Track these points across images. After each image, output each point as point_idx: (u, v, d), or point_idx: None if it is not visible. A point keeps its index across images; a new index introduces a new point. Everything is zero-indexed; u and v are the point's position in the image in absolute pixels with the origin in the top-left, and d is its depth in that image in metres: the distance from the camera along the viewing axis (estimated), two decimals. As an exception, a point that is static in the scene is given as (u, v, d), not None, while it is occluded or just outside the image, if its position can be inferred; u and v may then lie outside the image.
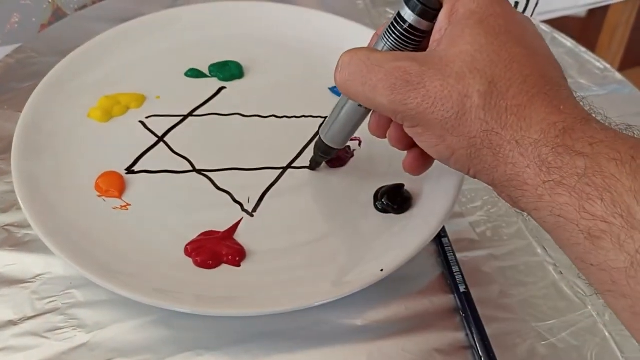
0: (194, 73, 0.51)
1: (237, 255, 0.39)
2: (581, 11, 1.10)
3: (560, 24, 0.62)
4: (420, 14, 0.32)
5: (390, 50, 0.33)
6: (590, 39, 1.05)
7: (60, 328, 0.37)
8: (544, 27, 0.61)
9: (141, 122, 0.47)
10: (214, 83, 0.51)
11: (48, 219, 0.39)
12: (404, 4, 0.32)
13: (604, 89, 0.55)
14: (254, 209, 0.42)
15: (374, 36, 0.36)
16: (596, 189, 0.25)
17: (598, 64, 0.58)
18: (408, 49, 0.33)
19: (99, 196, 0.42)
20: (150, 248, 0.40)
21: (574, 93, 0.30)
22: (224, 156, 0.45)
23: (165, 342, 0.37)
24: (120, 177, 0.43)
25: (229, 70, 0.51)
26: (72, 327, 0.37)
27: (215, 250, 0.39)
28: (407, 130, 0.32)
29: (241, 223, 0.41)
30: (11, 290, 0.39)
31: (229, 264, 0.39)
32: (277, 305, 0.37)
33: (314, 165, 0.43)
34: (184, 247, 0.39)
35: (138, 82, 0.50)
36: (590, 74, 0.57)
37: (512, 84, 0.28)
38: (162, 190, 0.43)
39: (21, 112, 0.45)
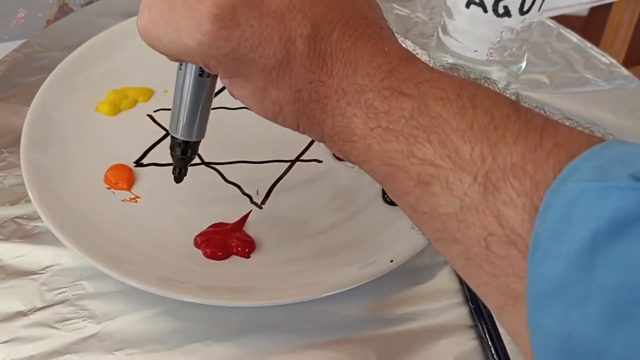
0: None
1: (247, 247, 0.39)
2: (583, 9, 1.10)
3: (562, 22, 0.62)
4: None
5: None
6: (592, 37, 1.05)
7: (70, 319, 0.37)
8: (551, 23, 0.62)
9: (149, 115, 0.47)
10: (222, 77, 0.51)
11: (57, 210, 0.39)
12: None
13: (610, 84, 0.56)
14: (263, 202, 0.42)
15: None
16: (424, 130, 0.23)
17: (604, 59, 0.58)
18: None
19: (108, 189, 0.42)
20: (159, 240, 0.40)
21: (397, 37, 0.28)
22: (233, 149, 0.45)
23: (174, 333, 0.37)
24: (129, 169, 0.43)
25: (236, 65, 0.51)
26: (81, 317, 0.37)
27: (225, 241, 0.39)
28: (225, 82, 0.28)
29: (250, 215, 0.41)
30: (21, 282, 0.39)
31: (239, 256, 0.39)
32: (286, 296, 0.37)
33: (176, 174, 0.35)
34: (193, 238, 0.40)
35: (146, 76, 0.50)
36: (596, 69, 0.57)
37: (334, 26, 0.26)
38: (171, 183, 0.43)
39: (28, 106, 0.46)
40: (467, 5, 0.47)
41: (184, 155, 0.34)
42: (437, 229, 0.24)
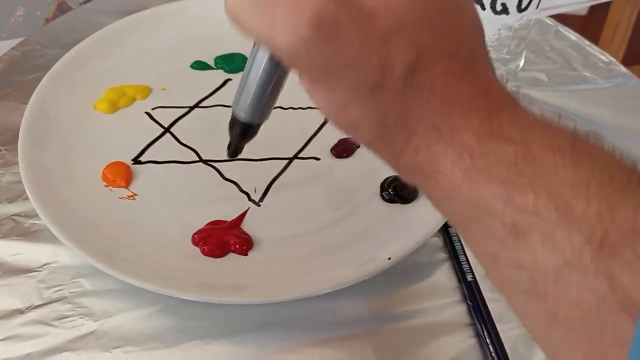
0: (200, 65, 0.51)
1: (245, 245, 0.39)
2: (582, 8, 1.10)
3: (561, 21, 0.62)
4: None
5: None
6: (591, 36, 1.05)
7: (68, 316, 0.37)
8: (549, 21, 0.62)
9: (147, 113, 0.47)
10: (220, 75, 0.51)
11: (55, 208, 0.39)
12: None
13: (609, 82, 0.56)
14: (261, 199, 0.42)
15: None
16: (528, 179, 0.21)
17: (603, 57, 0.58)
18: None
19: (106, 186, 0.42)
20: (157, 237, 0.40)
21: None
22: (231, 147, 0.45)
23: (173, 331, 0.37)
24: (127, 167, 0.43)
25: (234, 62, 0.51)
26: (79, 315, 0.37)
27: (223, 239, 0.39)
28: (303, 83, 0.26)
29: (248, 213, 0.41)
30: (18, 279, 0.39)
31: (236, 253, 0.39)
32: (284, 294, 0.37)
33: (232, 152, 0.33)
34: (191, 236, 0.40)
35: (144, 74, 0.50)
36: (595, 67, 0.57)
37: (439, 58, 0.24)
38: (169, 181, 0.43)
39: (26, 104, 0.45)
40: (466, 3, 0.47)
41: (243, 136, 0.32)
42: (521, 282, 0.22)
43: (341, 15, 0.23)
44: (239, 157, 0.44)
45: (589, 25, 1.14)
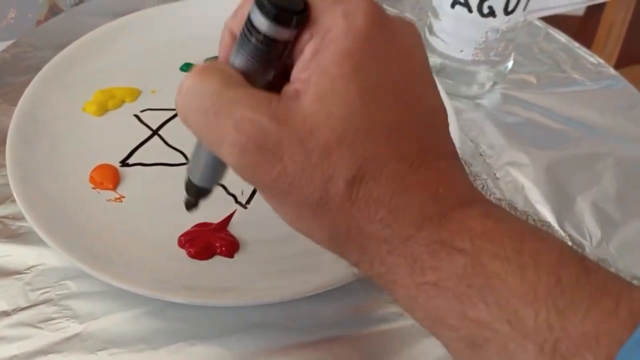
0: (189, 67, 0.51)
1: (231, 247, 0.39)
2: (579, 9, 1.10)
3: (558, 22, 0.62)
4: (277, 21, 0.24)
5: (248, 63, 0.25)
6: (587, 37, 1.05)
7: (54, 319, 0.37)
8: (538, 23, 0.62)
9: (136, 115, 0.48)
10: (209, 77, 0.51)
11: (42, 210, 0.39)
12: (254, 7, 0.24)
13: (597, 84, 0.56)
14: (248, 201, 0.42)
15: (224, 29, 0.28)
16: (478, 291, 0.21)
17: (592, 59, 0.58)
18: (269, 59, 0.25)
19: (94, 188, 0.42)
20: (144, 239, 0.40)
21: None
22: (218, 149, 0.45)
23: (159, 333, 0.37)
24: (115, 169, 0.44)
25: (223, 65, 0.51)
26: (65, 317, 0.37)
27: (209, 241, 0.39)
28: (261, 194, 0.27)
29: (235, 215, 0.41)
30: (5, 282, 0.39)
31: (223, 255, 0.39)
32: (271, 296, 0.37)
33: (189, 207, 0.34)
34: (177, 238, 0.40)
35: (133, 76, 0.50)
36: (584, 69, 0.57)
37: (385, 165, 0.23)
38: (156, 183, 0.43)
39: (16, 106, 0.46)
40: (452, 6, 0.47)
41: (199, 196, 0.33)
42: None
43: (284, 136, 0.23)
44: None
45: (584, 26, 1.14)
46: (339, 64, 0.23)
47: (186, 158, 0.45)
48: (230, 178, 0.43)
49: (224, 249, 0.39)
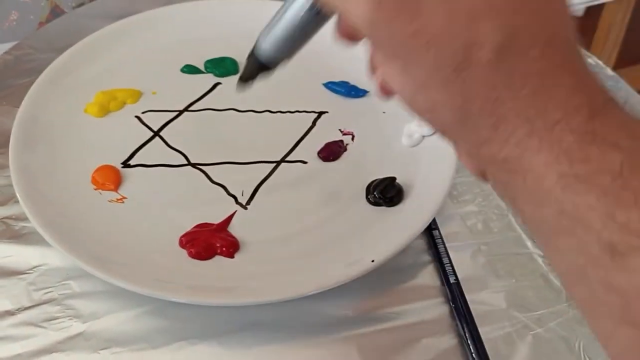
0: (190, 69, 0.52)
1: (231, 247, 0.40)
2: (578, 9, 1.11)
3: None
4: None
5: None
6: (585, 38, 1.06)
7: (57, 318, 0.38)
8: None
9: (137, 117, 0.48)
10: (210, 79, 0.51)
11: (45, 211, 0.40)
12: None
13: (595, 85, 0.56)
14: (248, 202, 0.43)
15: None
16: (634, 194, 0.19)
17: (590, 60, 0.58)
18: None
19: (96, 189, 0.43)
20: (145, 240, 0.40)
21: None
22: (219, 150, 0.46)
23: (160, 332, 0.37)
24: (117, 170, 0.44)
25: (224, 66, 0.52)
26: (68, 317, 0.38)
27: (209, 241, 0.40)
28: (377, 58, 0.24)
29: (235, 215, 0.42)
30: (9, 281, 0.39)
31: (223, 255, 0.40)
32: (270, 295, 0.37)
33: (245, 79, 0.32)
34: (178, 238, 0.40)
35: (134, 78, 0.50)
36: (582, 70, 0.57)
37: (535, 42, 0.21)
38: (158, 184, 0.44)
39: (19, 107, 0.46)
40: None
41: (261, 69, 0.30)
42: (612, 305, 0.20)
43: None
44: (226, 160, 0.45)
45: (582, 27, 1.14)
46: None
47: (187, 159, 0.45)
48: (232, 179, 0.44)
49: (224, 249, 0.40)
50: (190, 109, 0.49)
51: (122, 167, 0.44)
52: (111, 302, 0.38)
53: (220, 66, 0.52)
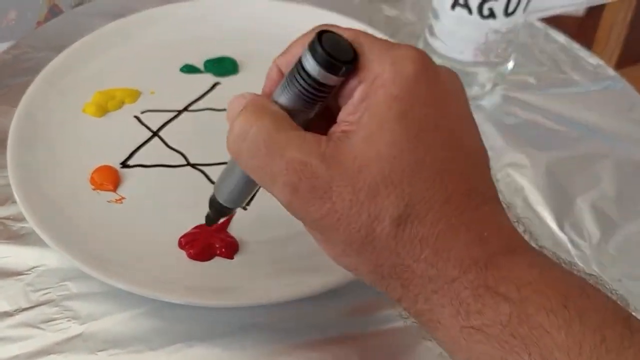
0: (189, 69, 0.52)
1: (230, 248, 0.39)
2: (579, 9, 1.10)
3: (558, 23, 0.62)
4: (328, 69, 0.25)
5: (293, 102, 0.27)
6: (587, 37, 1.05)
7: (55, 319, 0.37)
8: (538, 24, 0.62)
9: (136, 117, 0.48)
10: (209, 78, 0.51)
11: (43, 212, 0.40)
12: (306, 52, 0.26)
13: (597, 85, 0.56)
14: (247, 203, 0.43)
15: (272, 65, 0.30)
16: (522, 341, 0.22)
17: (591, 60, 0.58)
18: (315, 100, 0.27)
19: (94, 190, 0.43)
20: (144, 240, 0.40)
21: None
22: (218, 150, 0.45)
23: (158, 333, 0.37)
24: (115, 171, 0.44)
25: (223, 66, 0.51)
26: (66, 318, 0.37)
27: (209, 242, 0.39)
28: (306, 227, 0.28)
29: (234, 216, 0.42)
30: (6, 282, 0.39)
31: (222, 256, 0.39)
32: (269, 297, 0.37)
33: (209, 222, 0.36)
34: (177, 239, 0.40)
35: (133, 78, 0.50)
36: (584, 70, 0.57)
37: (431, 205, 0.24)
38: (157, 184, 0.43)
39: (17, 107, 0.46)
40: (453, 7, 0.47)
41: (221, 215, 0.35)
42: None
43: (334, 175, 0.24)
44: (226, 161, 0.45)
45: (584, 26, 1.14)
46: (388, 107, 0.24)
47: (186, 159, 0.45)
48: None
49: (223, 250, 0.39)
50: (190, 108, 0.49)
51: (121, 167, 0.44)
52: (109, 304, 0.38)
53: (220, 66, 0.51)
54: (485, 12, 0.47)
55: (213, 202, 0.34)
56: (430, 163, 0.24)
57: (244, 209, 0.42)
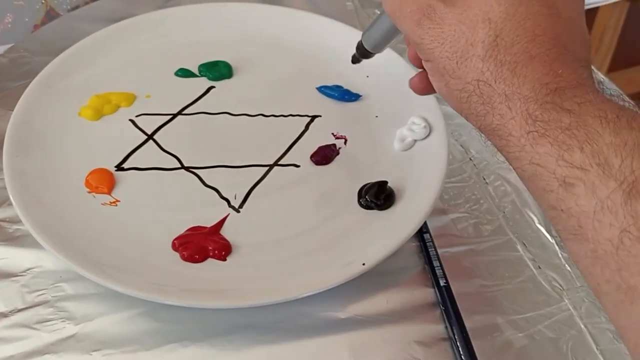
0: (184, 73, 0.52)
1: (223, 250, 0.40)
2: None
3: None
4: None
5: None
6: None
7: (50, 320, 0.38)
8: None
9: (131, 120, 0.48)
10: (204, 82, 0.52)
11: (38, 214, 0.40)
12: None
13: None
14: (241, 205, 0.43)
15: None
16: (577, 140, 0.26)
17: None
18: None
19: (89, 192, 0.43)
20: (138, 243, 0.40)
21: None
22: (212, 154, 0.46)
23: (152, 334, 0.38)
24: (110, 173, 0.44)
25: (218, 70, 0.52)
26: (61, 319, 0.38)
27: (202, 245, 0.40)
28: (422, 61, 0.34)
29: (228, 219, 0.42)
30: (2, 284, 0.39)
31: (215, 258, 0.40)
32: (261, 298, 0.38)
33: (354, 61, 0.43)
34: (171, 241, 0.40)
35: (129, 82, 0.51)
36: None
37: (518, 40, 0.29)
38: (151, 187, 0.44)
39: (13, 110, 0.46)
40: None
41: (363, 57, 0.42)
42: (571, 227, 0.26)
43: (447, 11, 0.31)
44: (220, 164, 0.46)
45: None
46: None
47: (180, 162, 0.45)
48: (225, 182, 0.44)
49: (216, 252, 0.40)
50: (184, 112, 0.49)
51: (116, 170, 0.45)
52: (103, 304, 0.39)
53: (214, 70, 0.52)
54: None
55: (360, 46, 0.41)
56: (524, 10, 0.29)
57: (237, 211, 0.43)
